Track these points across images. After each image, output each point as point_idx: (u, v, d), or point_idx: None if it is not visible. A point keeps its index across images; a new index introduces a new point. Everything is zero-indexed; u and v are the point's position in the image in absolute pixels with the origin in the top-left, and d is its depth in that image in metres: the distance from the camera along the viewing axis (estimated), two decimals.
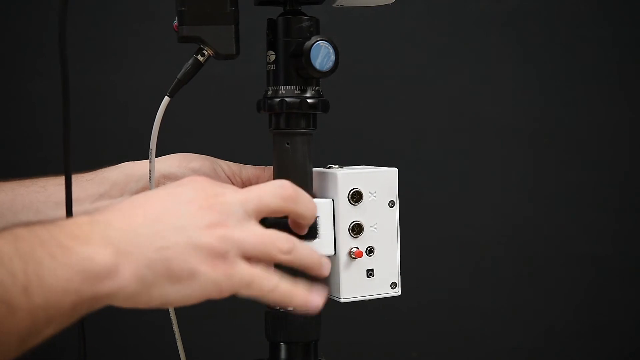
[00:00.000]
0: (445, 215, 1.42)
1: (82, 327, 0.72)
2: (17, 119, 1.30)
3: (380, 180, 0.76)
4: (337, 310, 0.83)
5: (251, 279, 0.58)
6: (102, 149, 1.30)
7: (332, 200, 0.75)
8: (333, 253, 0.74)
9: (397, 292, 0.77)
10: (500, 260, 1.44)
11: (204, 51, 0.73)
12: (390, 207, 0.76)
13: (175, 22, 0.72)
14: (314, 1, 0.76)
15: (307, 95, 0.74)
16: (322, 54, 0.72)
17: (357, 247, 0.75)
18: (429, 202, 1.41)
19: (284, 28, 0.74)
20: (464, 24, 1.41)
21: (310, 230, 0.71)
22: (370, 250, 0.75)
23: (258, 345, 0.79)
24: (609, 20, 1.45)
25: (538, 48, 1.43)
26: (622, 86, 1.46)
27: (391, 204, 0.76)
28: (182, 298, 0.57)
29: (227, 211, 0.59)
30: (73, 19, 0.70)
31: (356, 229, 0.74)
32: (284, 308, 0.73)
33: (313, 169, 0.77)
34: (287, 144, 0.75)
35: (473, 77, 1.42)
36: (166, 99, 0.73)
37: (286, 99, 0.73)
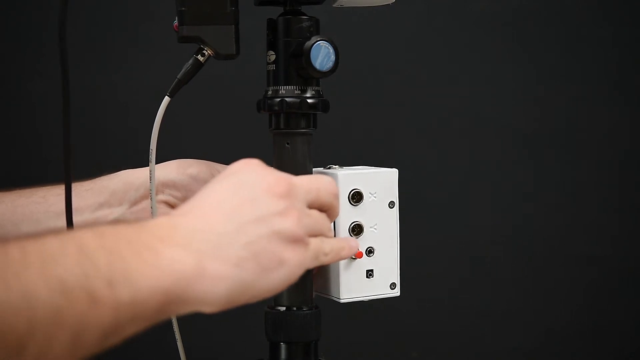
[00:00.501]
0: (445, 215, 1.42)
1: None
2: (17, 119, 1.30)
3: (380, 181, 0.76)
4: (337, 310, 0.83)
5: (317, 251, 0.63)
6: (102, 149, 1.30)
7: None
8: None
9: (397, 292, 0.77)
10: (500, 260, 1.44)
11: (204, 51, 0.73)
12: (391, 208, 0.76)
13: (175, 22, 0.72)
14: (314, 1, 0.76)
15: (307, 95, 0.74)
16: (322, 54, 0.72)
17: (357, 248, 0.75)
18: (428, 202, 1.41)
19: (284, 28, 0.74)
20: (464, 24, 1.41)
21: None
22: (370, 251, 0.75)
23: (258, 345, 0.79)
24: (609, 20, 1.45)
25: (538, 48, 1.43)
26: (622, 86, 1.46)
27: (391, 204, 0.76)
28: (271, 288, 0.59)
29: (295, 195, 0.61)
30: (73, 19, 0.70)
31: (356, 230, 0.75)
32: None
33: (313, 169, 0.77)
34: (287, 144, 0.75)
35: (473, 77, 1.42)
36: (166, 99, 0.73)
37: (286, 99, 0.73)
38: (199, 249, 0.55)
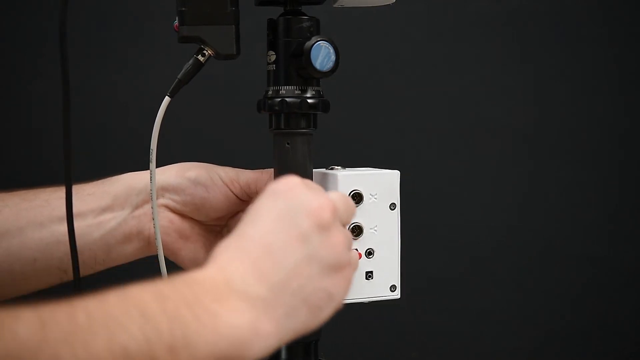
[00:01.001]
0: (444, 215, 1.42)
1: None
2: (17, 119, 1.30)
3: (381, 183, 0.76)
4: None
5: (356, 264, 0.66)
6: (102, 149, 1.30)
7: None
8: None
9: (397, 295, 0.77)
10: (500, 260, 1.44)
11: (205, 51, 0.73)
12: (392, 210, 0.76)
13: (175, 22, 0.72)
14: (314, 1, 0.76)
15: (308, 95, 0.74)
16: (322, 54, 0.72)
17: (356, 249, 0.75)
18: (428, 202, 1.41)
19: (285, 28, 0.74)
20: (465, 24, 1.41)
21: None
22: (369, 252, 0.75)
23: None
24: (608, 20, 1.45)
25: (538, 48, 1.43)
26: (621, 86, 1.46)
27: (392, 206, 0.76)
28: (320, 323, 0.60)
29: (338, 218, 0.62)
30: (73, 19, 0.70)
31: (356, 231, 0.75)
32: None
33: (315, 170, 0.77)
34: (288, 144, 0.75)
35: (474, 78, 1.42)
36: (167, 99, 0.73)
37: (286, 99, 0.73)
38: (254, 306, 0.56)
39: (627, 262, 1.47)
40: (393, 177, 0.76)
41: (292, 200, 0.61)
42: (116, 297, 0.52)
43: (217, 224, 0.84)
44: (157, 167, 0.77)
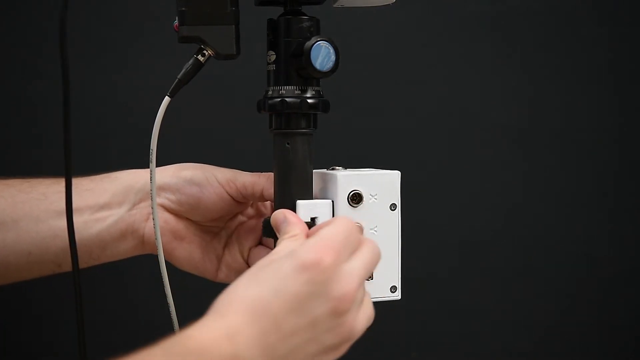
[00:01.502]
0: (444, 215, 1.42)
1: (82, 327, 0.72)
2: (17, 119, 1.30)
3: (381, 183, 0.75)
4: None
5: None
6: (102, 149, 1.30)
7: (332, 202, 0.75)
8: None
9: (397, 296, 0.77)
10: (500, 260, 1.44)
11: (205, 51, 0.73)
12: (392, 210, 0.76)
13: (175, 22, 0.73)
14: (314, 1, 0.76)
15: (308, 95, 0.74)
16: (322, 54, 0.72)
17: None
18: (428, 202, 1.41)
19: (285, 28, 0.74)
20: (465, 25, 1.41)
21: None
22: None
23: None
24: (607, 20, 1.44)
25: (539, 48, 1.43)
26: (619, 87, 1.45)
27: (393, 207, 0.76)
28: None
29: (351, 302, 0.62)
30: (73, 19, 0.70)
31: None
32: None
33: (315, 170, 0.77)
34: (288, 144, 0.75)
35: (474, 78, 1.41)
36: (166, 99, 0.73)
37: (286, 99, 0.73)
38: None
39: (627, 262, 1.47)
40: (394, 177, 0.76)
41: (317, 284, 0.61)
42: None
43: (214, 224, 0.84)
44: (156, 167, 0.77)
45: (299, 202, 0.74)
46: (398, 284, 0.77)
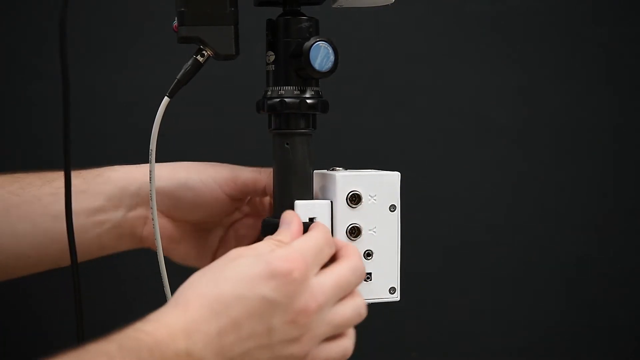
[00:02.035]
0: (444, 215, 1.42)
1: (82, 328, 0.72)
2: (17, 119, 1.30)
3: (380, 184, 0.75)
4: None
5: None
6: (102, 149, 1.30)
7: (331, 202, 0.75)
8: None
9: (396, 297, 0.77)
10: (500, 260, 1.44)
11: (204, 52, 0.73)
12: (391, 212, 0.76)
13: (175, 23, 0.73)
14: (313, 1, 0.76)
15: (307, 95, 0.74)
16: (321, 55, 0.72)
17: None
18: (427, 202, 1.41)
19: (284, 28, 0.75)
20: (465, 25, 1.41)
21: None
22: (368, 254, 0.75)
23: None
24: (606, 20, 1.44)
25: (538, 48, 1.43)
26: (618, 87, 1.45)
27: (392, 208, 0.76)
28: None
29: (310, 317, 0.61)
30: (73, 19, 0.70)
31: (354, 232, 0.74)
32: None
33: (315, 171, 0.77)
34: (287, 144, 0.75)
35: (476, 78, 1.41)
36: (166, 100, 0.73)
37: (285, 99, 0.73)
38: None
39: (626, 262, 1.46)
40: (393, 178, 0.76)
41: (281, 294, 0.60)
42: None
43: (209, 221, 0.84)
44: None
45: (297, 202, 0.74)
46: (397, 286, 0.76)
